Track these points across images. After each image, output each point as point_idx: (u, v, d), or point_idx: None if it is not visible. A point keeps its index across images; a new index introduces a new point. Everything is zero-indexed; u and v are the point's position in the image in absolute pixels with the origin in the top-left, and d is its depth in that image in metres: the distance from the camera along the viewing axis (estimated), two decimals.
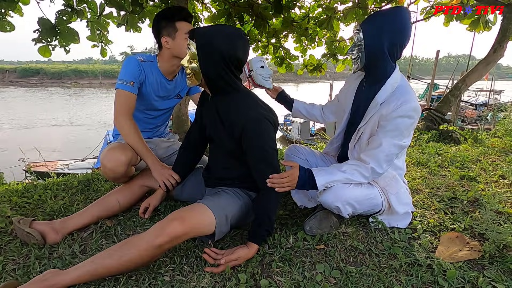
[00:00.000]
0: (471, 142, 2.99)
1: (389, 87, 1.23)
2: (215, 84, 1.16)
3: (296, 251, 1.19)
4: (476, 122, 12.67)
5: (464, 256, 1.17)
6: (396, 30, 1.17)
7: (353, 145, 1.35)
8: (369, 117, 1.26)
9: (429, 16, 3.80)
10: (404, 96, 1.20)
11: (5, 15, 2.40)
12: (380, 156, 1.20)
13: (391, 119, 1.19)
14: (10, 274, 1.07)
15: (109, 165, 1.34)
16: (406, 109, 1.17)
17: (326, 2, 3.65)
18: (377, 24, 1.18)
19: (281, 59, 3.85)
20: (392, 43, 1.19)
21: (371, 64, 1.25)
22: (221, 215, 1.13)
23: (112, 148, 1.38)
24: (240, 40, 1.11)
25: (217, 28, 1.13)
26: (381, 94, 1.24)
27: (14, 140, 12.38)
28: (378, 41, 1.18)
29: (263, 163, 1.14)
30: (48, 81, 40.91)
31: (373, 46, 1.20)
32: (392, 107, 1.19)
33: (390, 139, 1.20)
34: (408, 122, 1.18)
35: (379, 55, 1.21)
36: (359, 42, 1.22)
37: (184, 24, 1.45)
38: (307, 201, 1.46)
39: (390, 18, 1.17)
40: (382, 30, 1.17)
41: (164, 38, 1.45)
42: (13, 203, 1.60)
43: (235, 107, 1.16)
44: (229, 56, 1.09)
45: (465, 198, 1.61)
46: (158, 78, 1.52)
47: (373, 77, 1.29)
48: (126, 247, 0.99)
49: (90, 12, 2.83)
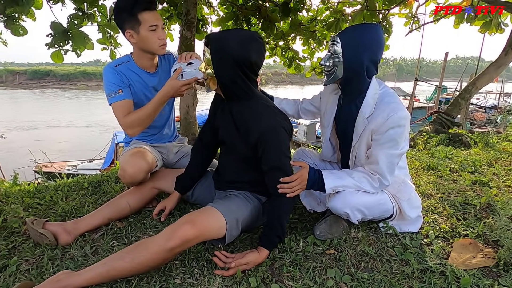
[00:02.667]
0: (482, 146, 2.94)
1: (370, 100, 1.21)
2: (229, 90, 1.16)
3: (306, 256, 1.19)
4: (486, 125, 12.46)
5: (478, 263, 1.15)
6: (375, 46, 1.16)
7: (353, 162, 1.34)
8: (360, 133, 1.25)
9: (438, 18, 3.77)
10: (389, 106, 1.17)
11: (18, 19, 2.46)
12: (383, 169, 1.20)
13: (383, 133, 1.17)
14: (24, 275, 1.09)
15: (131, 171, 1.34)
16: (395, 120, 1.15)
17: (333, 5, 3.64)
18: (358, 39, 1.15)
19: (290, 60, 3.85)
20: (371, 59, 1.17)
21: (347, 78, 1.21)
22: (231, 219, 1.13)
23: (134, 154, 1.38)
24: (254, 43, 1.10)
25: (231, 33, 1.12)
26: (364, 109, 1.22)
27: (21, 141, 12.58)
28: (357, 56, 1.16)
29: (277, 171, 1.13)
30: (57, 82, 41.64)
31: (352, 60, 1.17)
32: (380, 121, 1.17)
33: (388, 150, 1.19)
34: (400, 131, 1.17)
35: (357, 70, 1.18)
36: (336, 54, 1.19)
37: (148, 15, 1.32)
38: (316, 205, 1.45)
39: (371, 34, 1.16)
40: (363, 45, 1.15)
41: (128, 32, 1.35)
42: (25, 203, 1.63)
43: (251, 114, 1.15)
44: (243, 61, 1.09)
45: (478, 204, 1.58)
46: (139, 74, 1.46)
47: (350, 94, 1.26)
48: (138, 250, 1.00)
49: (100, 16, 2.88)
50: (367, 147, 1.26)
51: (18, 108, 22.86)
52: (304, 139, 11.17)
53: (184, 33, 2.89)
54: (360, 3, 3.36)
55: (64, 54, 2.61)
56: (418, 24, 3.87)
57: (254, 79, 1.19)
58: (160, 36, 1.38)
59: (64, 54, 2.60)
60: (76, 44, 2.57)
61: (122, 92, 1.39)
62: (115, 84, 1.40)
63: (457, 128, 3.65)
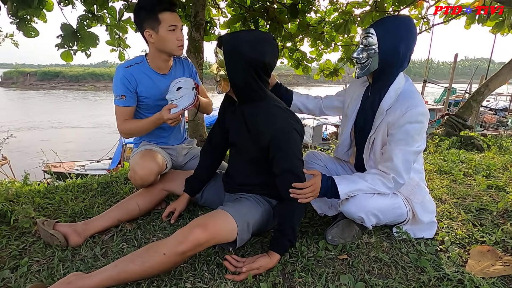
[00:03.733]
0: (496, 150, 2.87)
1: (392, 93, 1.20)
2: (242, 92, 1.15)
3: (318, 261, 1.16)
4: (496, 128, 12.22)
5: (498, 271, 1.10)
6: (410, 37, 1.16)
7: (368, 154, 1.31)
8: (377, 125, 1.23)
9: (449, 19, 3.70)
10: (408, 101, 1.16)
11: (30, 21, 2.49)
12: (398, 167, 1.17)
13: (399, 127, 1.15)
14: (35, 275, 1.09)
15: (141, 173, 1.35)
16: (413, 115, 1.13)
17: (342, 6, 3.61)
18: (394, 30, 1.15)
19: (298, 61, 3.82)
20: (407, 50, 1.17)
21: (382, 70, 1.20)
22: (243, 223, 1.11)
23: (145, 156, 1.39)
24: (268, 44, 1.09)
25: (244, 34, 1.11)
26: (385, 101, 1.21)
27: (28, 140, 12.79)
28: (394, 47, 1.15)
29: (288, 174, 1.11)
30: (66, 84, 42.34)
31: (389, 51, 1.16)
32: (398, 114, 1.16)
33: (403, 147, 1.16)
34: (417, 127, 1.15)
35: (394, 61, 1.17)
36: (371, 46, 1.18)
37: (168, 15, 1.33)
38: (327, 209, 1.43)
39: (406, 24, 1.16)
40: (399, 36, 1.15)
41: (147, 32, 1.35)
42: (36, 204, 1.64)
43: (263, 116, 1.14)
44: (256, 63, 1.08)
45: (494, 209, 1.53)
46: (150, 75, 1.46)
47: (380, 84, 1.24)
48: (148, 253, 0.99)
49: (109, 18, 2.90)
50: (382, 142, 1.23)
51: (27, 108, 23.26)
52: (310, 141, 11.11)
53: (193, 35, 2.89)
54: (369, 4, 3.32)
55: (73, 54, 2.64)
56: (428, 25, 3.82)
57: (267, 80, 1.17)
58: (178, 36, 1.39)
59: (73, 54, 2.64)
60: (86, 44, 2.60)
61: (125, 98, 1.42)
62: (120, 88, 1.42)
63: (468, 131, 3.58)
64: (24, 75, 44.42)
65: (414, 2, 3.30)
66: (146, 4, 1.33)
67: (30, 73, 44.52)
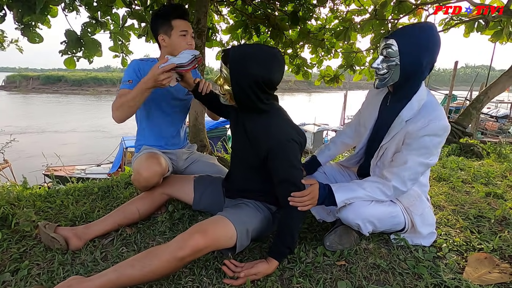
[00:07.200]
0: (495, 157, 2.88)
1: (415, 104, 1.18)
2: (246, 106, 1.17)
3: (316, 267, 1.17)
4: (497, 135, 12.21)
5: (495, 279, 1.11)
6: (434, 47, 1.13)
7: (375, 162, 1.31)
8: (393, 134, 1.21)
9: (448, 27, 3.75)
10: (432, 114, 1.14)
11: (34, 27, 2.53)
12: (405, 174, 1.16)
13: (418, 138, 1.14)
14: (35, 279, 1.10)
15: (145, 174, 1.36)
16: (435, 128, 1.12)
17: (342, 14, 3.66)
18: (417, 40, 1.11)
19: (298, 67, 3.86)
20: (430, 61, 1.14)
21: (403, 82, 1.18)
22: (242, 229, 1.12)
23: (149, 158, 1.41)
24: (275, 62, 1.09)
25: (251, 52, 1.09)
26: (406, 112, 1.19)
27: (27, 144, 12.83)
28: (417, 58, 1.12)
29: (287, 183, 1.12)
30: (69, 88, 42.61)
31: (411, 63, 1.13)
32: (419, 125, 1.14)
33: (416, 157, 1.15)
34: (436, 141, 1.14)
35: (415, 72, 1.15)
36: (393, 57, 1.15)
37: (180, 22, 1.46)
38: (326, 215, 1.44)
39: (429, 33, 1.11)
40: (423, 47, 1.11)
41: (161, 36, 1.48)
42: (37, 207, 1.65)
43: (262, 128, 1.15)
44: (263, 81, 1.09)
45: (492, 217, 1.54)
46: None
47: (401, 94, 1.22)
48: (148, 258, 0.99)
49: (113, 24, 2.95)
50: (395, 151, 1.22)
51: (27, 112, 23.36)
52: (311, 147, 11.13)
53: (195, 41, 2.93)
54: (369, 12, 3.37)
55: (76, 61, 2.68)
56: None
57: (272, 93, 1.18)
58: (188, 41, 1.49)
59: (76, 60, 2.67)
60: (89, 51, 2.63)
61: (131, 82, 1.46)
62: (130, 75, 1.48)
63: (468, 138, 3.59)
64: (27, 79, 44.76)
65: (413, 11, 3.35)
66: (162, 12, 1.48)
67: (33, 77, 44.85)
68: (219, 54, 3.67)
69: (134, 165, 1.46)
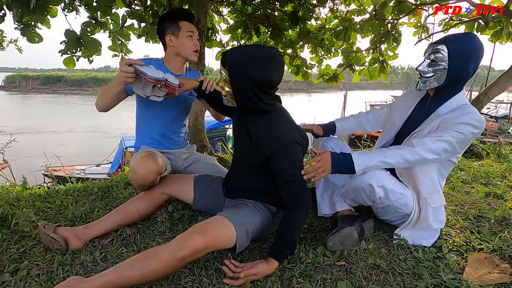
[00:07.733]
0: (495, 157, 2.88)
1: (454, 102, 1.25)
2: (246, 107, 1.17)
3: (316, 267, 1.17)
4: (497, 135, 12.22)
5: (494, 279, 1.11)
6: (479, 55, 1.20)
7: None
8: (427, 124, 1.26)
9: (448, 27, 3.75)
10: (470, 109, 1.20)
11: (34, 27, 2.53)
12: (431, 146, 1.17)
13: (454, 123, 1.18)
14: (35, 279, 1.09)
15: (142, 172, 1.36)
16: (472, 118, 1.17)
17: (342, 14, 3.67)
18: (466, 48, 1.19)
19: (298, 68, 3.86)
20: (475, 68, 1.21)
21: (448, 85, 1.24)
22: (242, 229, 1.12)
23: (145, 157, 1.41)
24: (275, 63, 1.09)
25: (250, 54, 1.08)
26: (444, 107, 1.25)
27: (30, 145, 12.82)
28: (465, 65, 1.20)
29: (290, 184, 1.12)
30: (68, 88, 42.59)
31: (459, 69, 1.20)
32: (457, 113, 1.20)
33: (448, 135, 1.17)
34: (470, 130, 1.17)
35: (461, 77, 1.22)
36: (440, 62, 1.21)
37: (187, 24, 1.52)
38: (329, 207, 1.45)
39: (476, 43, 1.20)
40: (471, 55, 1.19)
41: (168, 37, 1.52)
42: (36, 207, 1.65)
43: (266, 128, 1.15)
44: (263, 82, 1.09)
45: (492, 217, 1.54)
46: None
47: (441, 96, 1.28)
48: (148, 259, 0.99)
49: (112, 24, 2.95)
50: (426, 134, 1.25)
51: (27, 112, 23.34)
52: (311, 146, 11.12)
53: None
54: (369, 12, 3.37)
55: (76, 60, 2.67)
56: (427, 33, 3.86)
57: (273, 93, 1.18)
58: (195, 42, 1.55)
59: (76, 60, 2.67)
60: (89, 50, 2.63)
61: None
62: None
63: None
64: (26, 79, 44.73)
65: (413, 11, 3.35)
66: (170, 14, 1.55)
67: (33, 77, 44.82)
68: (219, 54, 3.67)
69: (131, 164, 1.47)
